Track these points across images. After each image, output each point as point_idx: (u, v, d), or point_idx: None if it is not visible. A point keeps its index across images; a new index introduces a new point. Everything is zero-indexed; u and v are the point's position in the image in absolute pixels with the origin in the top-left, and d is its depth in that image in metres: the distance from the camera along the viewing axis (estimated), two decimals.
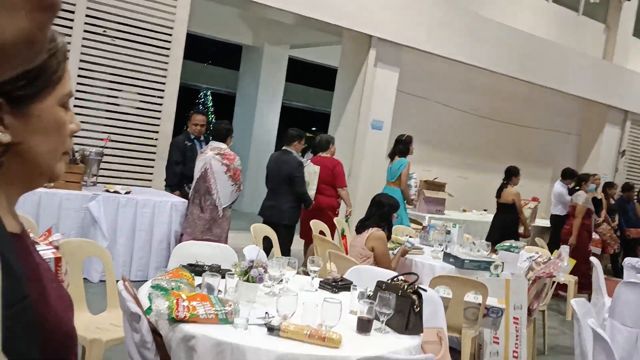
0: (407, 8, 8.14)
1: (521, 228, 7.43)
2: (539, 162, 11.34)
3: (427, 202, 7.89)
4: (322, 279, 3.20)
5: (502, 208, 7.32)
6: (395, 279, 2.74)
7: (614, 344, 3.08)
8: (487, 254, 4.76)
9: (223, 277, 2.67)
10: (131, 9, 6.23)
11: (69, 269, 2.82)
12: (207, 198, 5.08)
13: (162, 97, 6.55)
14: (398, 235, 5.23)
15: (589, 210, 7.41)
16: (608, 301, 4.32)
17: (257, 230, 4.72)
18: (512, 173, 7.29)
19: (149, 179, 6.52)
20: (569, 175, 8.30)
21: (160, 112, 6.57)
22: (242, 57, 11.49)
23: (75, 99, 6.02)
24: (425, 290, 2.68)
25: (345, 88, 8.35)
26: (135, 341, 2.20)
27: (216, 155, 5.07)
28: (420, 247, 4.90)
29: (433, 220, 6.49)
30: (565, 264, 4.45)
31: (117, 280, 2.55)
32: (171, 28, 6.48)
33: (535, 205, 8.90)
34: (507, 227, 7.12)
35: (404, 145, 6.66)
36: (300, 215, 5.88)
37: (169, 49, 6.51)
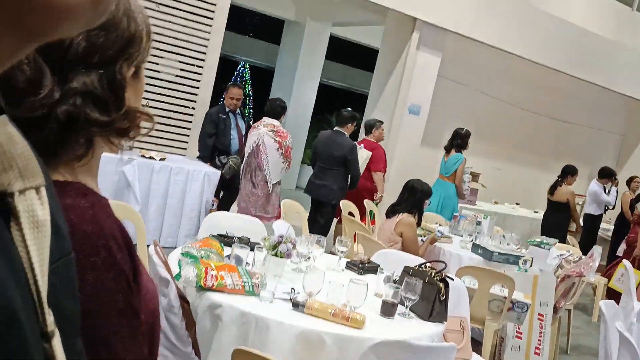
0: None
1: (572, 226, 7.27)
2: (577, 160, 11.04)
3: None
4: (349, 260, 3.21)
5: (555, 206, 7.16)
6: (423, 266, 2.73)
7: None
8: (517, 248, 4.70)
9: (252, 250, 2.69)
10: None
11: None
12: (258, 174, 5.14)
13: (202, 67, 6.57)
14: (428, 223, 5.20)
15: None
16: (637, 305, 4.23)
17: (288, 206, 4.74)
18: (569, 172, 7.12)
19: (184, 147, 6.58)
20: (606, 175, 8.10)
21: (199, 82, 6.59)
22: (284, 32, 11.44)
23: None
24: (452, 279, 2.67)
25: (385, 70, 8.26)
26: (163, 305, 2.24)
27: (269, 131, 5.13)
28: (449, 236, 4.87)
29: (464, 210, 6.43)
30: (597, 264, 4.37)
31: (148, 245, 2.59)
32: None
33: (582, 202, 8.73)
34: (561, 227, 6.95)
35: (462, 140, 6.49)
36: (346, 195, 5.89)
37: (212, 19, 6.51)
